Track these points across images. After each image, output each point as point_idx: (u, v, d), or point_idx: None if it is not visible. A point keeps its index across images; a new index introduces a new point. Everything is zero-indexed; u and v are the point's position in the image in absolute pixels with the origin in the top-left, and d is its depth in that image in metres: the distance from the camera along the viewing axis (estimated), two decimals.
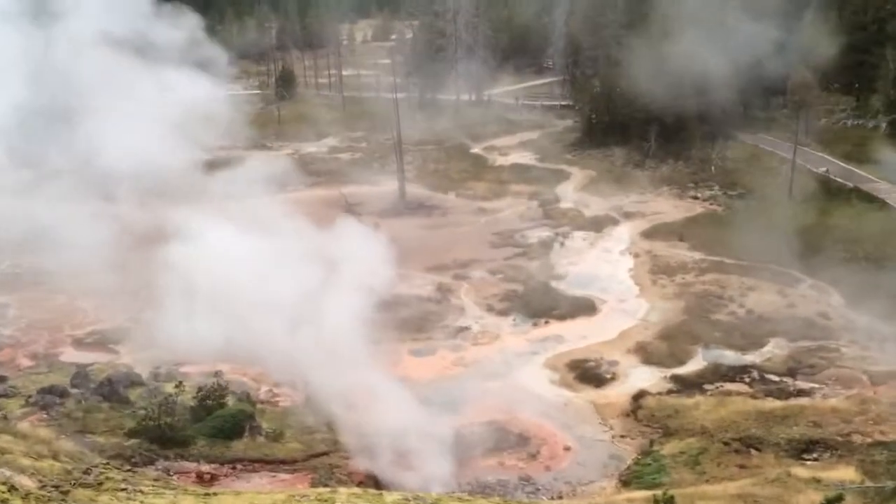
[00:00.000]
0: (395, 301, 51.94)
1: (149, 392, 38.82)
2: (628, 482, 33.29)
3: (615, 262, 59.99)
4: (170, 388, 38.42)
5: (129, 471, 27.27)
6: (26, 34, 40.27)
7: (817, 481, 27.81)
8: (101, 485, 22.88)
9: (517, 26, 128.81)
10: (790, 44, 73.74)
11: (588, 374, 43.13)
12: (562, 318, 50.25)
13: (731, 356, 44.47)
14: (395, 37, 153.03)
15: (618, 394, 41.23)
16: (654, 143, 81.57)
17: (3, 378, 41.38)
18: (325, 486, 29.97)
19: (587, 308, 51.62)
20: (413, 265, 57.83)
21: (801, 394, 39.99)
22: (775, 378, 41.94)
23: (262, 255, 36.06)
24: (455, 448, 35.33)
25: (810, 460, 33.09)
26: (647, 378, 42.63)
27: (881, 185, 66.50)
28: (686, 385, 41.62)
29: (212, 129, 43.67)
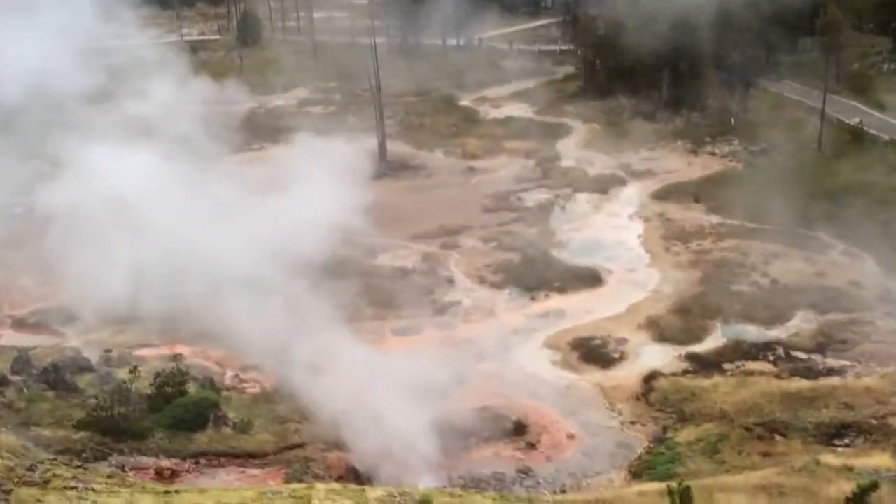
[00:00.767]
0: (376, 273, 52.22)
1: (99, 379, 38.82)
2: (639, 473, 33.57)
3: (623, 227, 60.08)
4: (123, 374, 38.43)
5: (78, 467, 27.38)
6: None
7: (849, 469, 28.04)
8: (47, 483, 22.96)
9: None
10: None
11: (593, 353, 43.33)
12: (563, 290, 50.38)
13: (753, 332, 44.73)
14: None
15: (627, 375, 41.46)
16: (666, 92, 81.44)
17: None
18: (300, 481, 30.09)
19: (592, 279, 51.75)
20: (396, 233, 57.89)
21: (832, 373, 40.31)
22: (803, 356, 42.23)
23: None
24: (445, 438, 35.51)
25: (841, 446, 33.40)
26: (660, 357, 42.85)
27: None
28: (703, 364, 41.87)
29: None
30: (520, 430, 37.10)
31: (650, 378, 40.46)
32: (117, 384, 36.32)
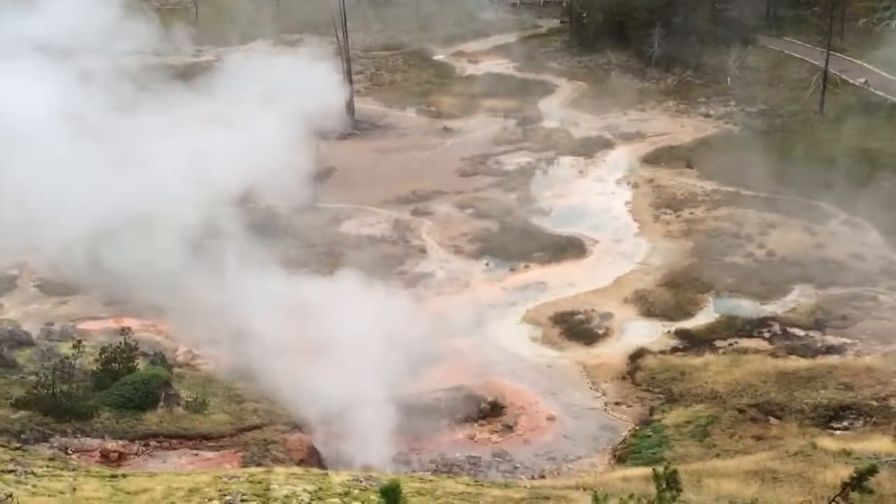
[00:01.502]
0: (342, 242, 52.13)
1: (40, 354, 38.59)
2: (624, 458, 33.81)
3: (609, 193, 60.30)
4: (66, 348, 38.19)
5: (17, 449, 27.28)
6: None
7: (847, 454, 28.32)
8: None
9: None
10: None
11: (576, 329, 43.55)
12: (545, 261, 50.58)
13: (747, 307, 45.12)
14: None
15: (612, 353, 41.72)
16: (658, 48, 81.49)
17: None
18: (259, 465, 30.13)
19: (575, 250, 51.98)
20: (364, 198, 57.83)
21: (831, 351, 40.71)
22: (800, 332, 42.64)
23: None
24: (416, 419, 35.64)
25: (840, 429, 33.76)
26: (647, 334, 43.16)
27: None
28: (694, 342, 42.21)
29: None
30: (496, 411, 37.28)
31: (637, 356, 40.74)
32: (60, 360, 36.04)
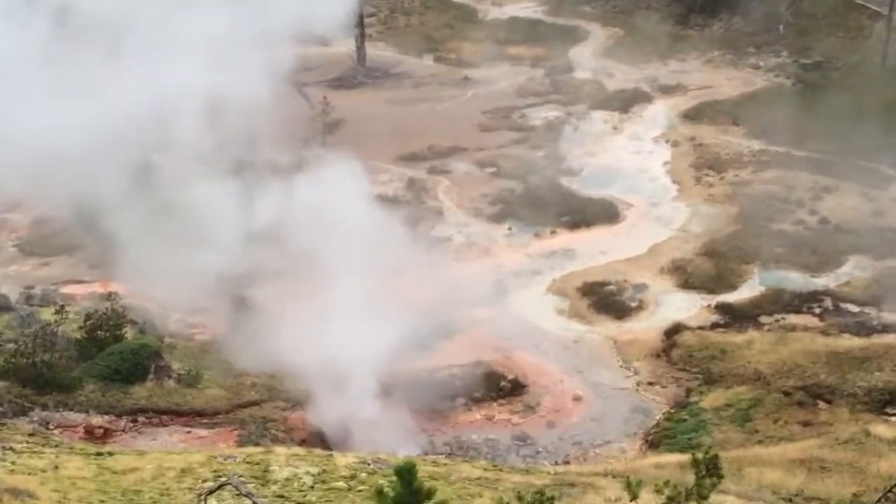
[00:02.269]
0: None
1: (19, 320, 38.91)
2: (656, 443, 33.93)
3: (646, 152, 60.08)
4: (48, 314, 38.50)
5: None
6: None
7: None
8: None
9: None
10: None
11: (607, 301, 43.58)
12: (574, 226, 50.55)
13: (796, 279, 45.02)
14: None
15: (645, 328, 41.74)
16: None
17: None
18: (257, 444, 30.34)
19: (608, 214, 51.93)
20: (375, 154, 57.60)
21: (888, 329, 40.62)
22: (854, 309, 42.57)
23: None
24: (430, 397, 35.81)
25: (895, 415, 33.80)
26: (685, 307, 43.15)
27: None
28: (736, 317, 42.17)
29: None
30: (517, 389, 37.41)
31: (673, 332, 40.73)
32: (41, 326, 36.33)
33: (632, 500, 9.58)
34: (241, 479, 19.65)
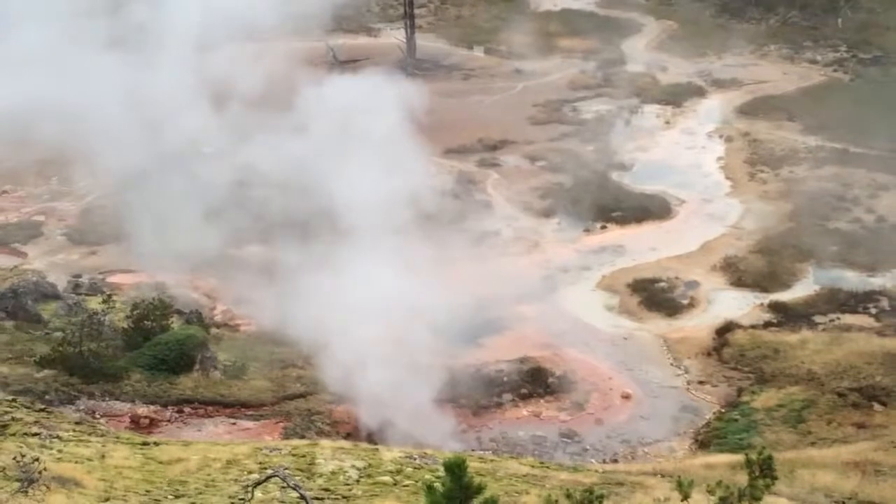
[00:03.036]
0: (398, 195, 52.07)
1: (67, 308, 39.29)
2: (706, 443, 33.73)
3: (700, 147, 59.72)
4: (95, 303, 38.87)
5: (41, 410, 27.85)
6: None
7: None
8: (5, 427, 23.43)
9: None
10: None
11: (657, 298, 43.36)
12: (624, 221, 50.37)
13: (852, 279, 44.55)
14: None
15: (696, 326, 41.47)
16: None
17: None
18: (302, 437, 30.53)
19: (659, 209, 51.66)
20: (425, 146, 57.61)
21: None
22: None
23: None
24: (476, 393, 35.82)
25: None
26: (738, 306, 42.81)
27: None
28: (790, 316, 41.78)
29: None
30: (565, 386, 37.29)
31: (724, 330, 40.46)
32: (87, 315, 36.67)
33: (683, 501, 9.51)
34: (287, 471, 19.76)
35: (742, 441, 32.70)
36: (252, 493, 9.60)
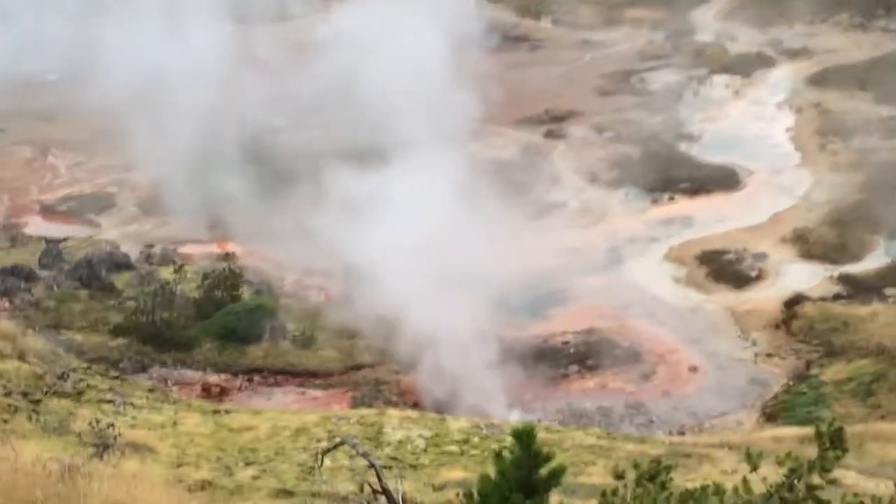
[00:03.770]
0: (464, 165, 52.08)
1: (139, 278, 39.80)
2: (774, 416, 33.51)
3: (769, 118, 59.02)
4: (167, 273, 39.40)
5: (116, 378, 28.27)
6: None
7: None
8: (81, 394, 23.76)
9: None
10: None
11: (725, 270, 43.04)
12: (692, 193, 49.98)
13: None
14: None
15: (765, 298, 41.12)
16: None
17: None
18: (370, 406, 30.70)
19: (728, 181, 51.17)
20: (491, 117, 57.53)
21: None
22: None
23: None
24: (542, 364, 35.85)
25: None
26: (807, 278, 42.35)
27: None
28: (860, 289, 41.29)
29: None
30: (631, 358, 37.20)
31: (793, 303, 40.11)
32: (160, 285, 37.25)
33: (752, 471, 9.43)
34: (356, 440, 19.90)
35: (810, 414, 32.45)
36: (322, 460, 9.76)
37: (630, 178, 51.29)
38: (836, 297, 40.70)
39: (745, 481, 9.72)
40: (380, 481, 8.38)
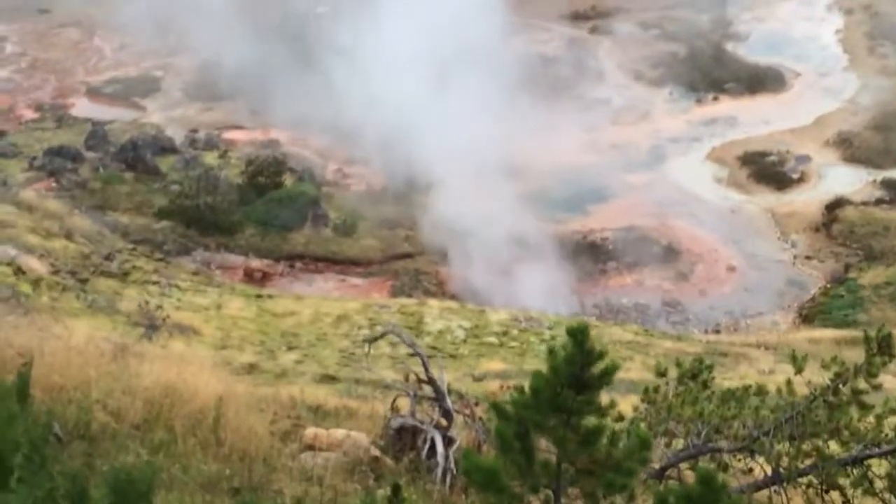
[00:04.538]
0: (508, 60, 51.56)
1: (184, 162, 39.83)
2: (811, 317, 33.39)
3: (818, 19, 57.92)
4: (211, 158, 39.45)
5: (160, 260, 28.55)
6: None
7: None
8: (126, 275, 24.03)
9: None
10: None
11: (768, 171, 42.58)
12: (737, 93, 49.26)
13: None
14: None
15: (806, 201, 40.73)
16: None
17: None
18: (409, 296, 30.85)
19: (773, 82, 50.38)
20: (536, 11, 56.80)
21: None
22: None
23: None
24: (581, 259, 35.80)
25: None
26: (849, 182, 41.87)
27: None
28: None
29: None
30: (670, 256, 37.06)
31: (835, 206, 39.68)
32: (204, 170, 37.27)
33: (797, 374, 9.32)
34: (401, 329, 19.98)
35: (847, 317, 32.32)
36: (369, 349, 9.79)
37: (675, 76, 50.66)
38: (878, 202, 40.30)
39: (788, 383, 9.64)
40: (426, 370, 8.30)
